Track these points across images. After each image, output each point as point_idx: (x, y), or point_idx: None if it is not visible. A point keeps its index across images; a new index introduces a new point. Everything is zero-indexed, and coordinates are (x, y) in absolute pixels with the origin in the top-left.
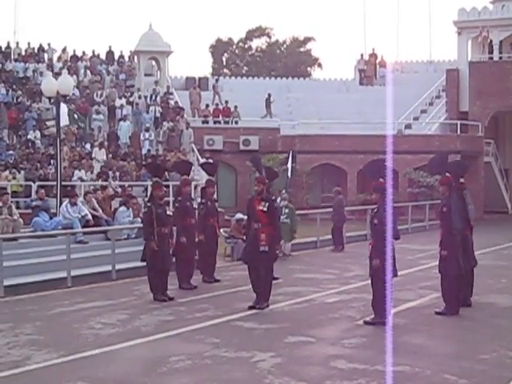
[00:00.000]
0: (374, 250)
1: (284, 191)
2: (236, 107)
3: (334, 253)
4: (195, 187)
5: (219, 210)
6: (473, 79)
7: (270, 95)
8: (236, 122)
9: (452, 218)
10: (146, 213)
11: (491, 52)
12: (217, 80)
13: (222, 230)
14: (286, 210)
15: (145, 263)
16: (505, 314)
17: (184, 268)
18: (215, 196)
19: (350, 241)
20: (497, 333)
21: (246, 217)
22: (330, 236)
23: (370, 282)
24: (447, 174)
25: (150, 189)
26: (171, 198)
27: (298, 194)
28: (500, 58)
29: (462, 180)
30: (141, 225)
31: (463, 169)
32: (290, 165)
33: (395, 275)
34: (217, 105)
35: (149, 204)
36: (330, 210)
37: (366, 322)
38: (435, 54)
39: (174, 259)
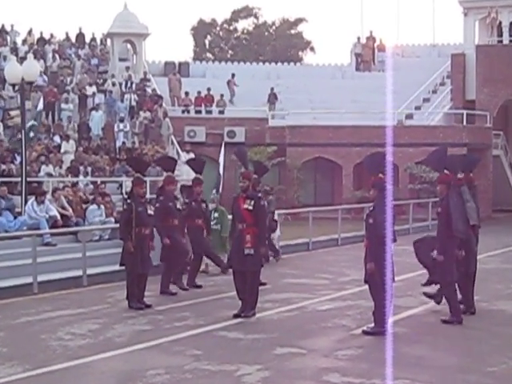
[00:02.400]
0: (369, 253)
1: (214, 192)
2: (222, 96)
3: (321, 256)
4: (222, 183)
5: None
6: (480, 65)
7: (272, 89)
8: (222, 112)
9: (452, 220)
10: (125, 210)
11: (500, 35)
12: (233, 75)
13: None
14: (216, 214)
15: (123, 267)
16: None
17: (170, 272)
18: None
19: (345, 242)
20: (506, 343)
21: (230, 216)
22: (324, 237)
23: (366, 287)
24: (446, 172)
25: (124, 185)
26: (149, 196)
27: (289, 190)
28: (510, 41)
29: (459, 176)
30: (114, 225)
31: (470, 164)
32: (221, 159)
33: (392, 280)
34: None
35: (129, 201)
36: (324, 208)
37: (364, 332)
38: (439, 37)
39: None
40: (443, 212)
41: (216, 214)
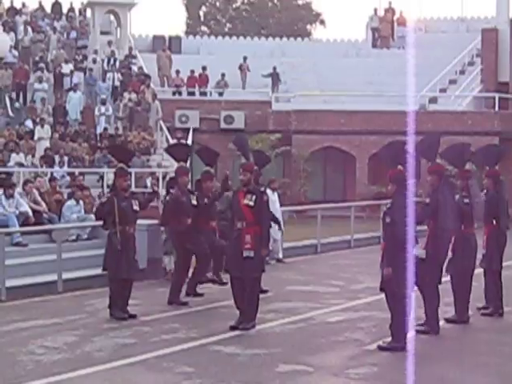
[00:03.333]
0: (386, 257)
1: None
2: (223, 75)
3: (332, 260)
4: (164, 177)
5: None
6: None
7: (275, 68)
8: (220, 94)
9: (439, 215)
10: (104, 203)
11: None
12: (245, 59)
13: None
14: None
15: (105, 272)
16: None
17: (180, 279)
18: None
19: (359, 244)
20: None
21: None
22: (334, 238)
23: (383, 296)
24: (438, 161)
25: (106, 177)
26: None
27: (294, 184)
28: None
29: (467, 167)
30: (94, 223)
31: (495, 155)
32: None
33: (412, 289)
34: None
35: (109, 195)
36: (335, 204)
37: (380, 348)
38: (468, 10)
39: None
40: (434, 206)
41: None
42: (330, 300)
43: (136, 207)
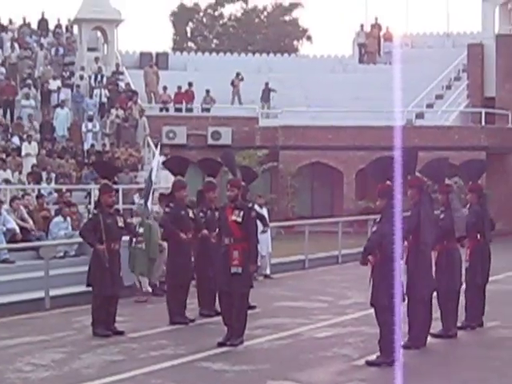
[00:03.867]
0: (376, 272)
1: (142, 202)
2: (208, 92)
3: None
4: (153, 192)
5: None
6: (501, 57)
7: (267, 84)
8: (208, 110)
9: (421, 231)
10: (90, 220)
11: None
12: (238, 75)
13: None
14: (141, 230)
15: (89, 288)
16: None
17: (176, 297)
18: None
19: (346, 260)
20: None
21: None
22: (322, 254)
23: (371, 311)
24: (418, 175)
25: (93, 194)
26: (121, 206)
27: (282, 200)
28: None
29: (448, 182)
30: (81, 240)
31: (478, 170)
32: (155, 162)
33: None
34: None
35: (95, 211)
36: (322, 220)
37: (368, 363)
38: (454, 25)
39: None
40: (413, 220)
41: (141, 230)
42: (317, 316)
43: (121, 223)
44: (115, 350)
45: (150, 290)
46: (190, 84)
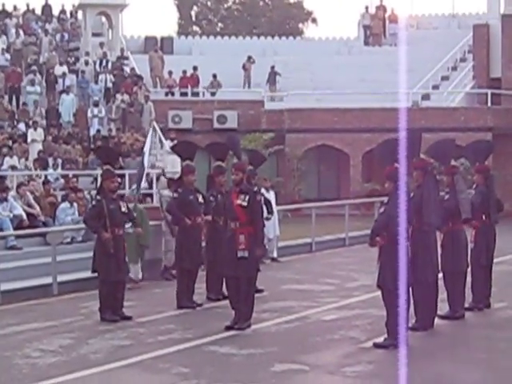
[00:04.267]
0: (383, 253)
1: (133, 188)
2: (215, 76)
3: (326, 259)
4: (158, 177)
5: None
6: (507, 37)
7: (273, 67)
8: (213, 94)
9: (424, 211)
10: (94, 207)
11: None
12: (250, 58)
13: None
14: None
15: (96, 274)
16: None
17: (185, 281)
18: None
19: (353, 242)
20: None
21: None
22: (329, 237)
23: (378, 294)
24: (423, 156)
25: (99, 179)
26: (127, 191)
27: (288, 183)
28: None
29: (454, 163)
30: None
31: (484, 151)
32: (147, 146)
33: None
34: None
35: (98, 197)
36: (329, 203)
37: (375, 345)
38: (459, 6)
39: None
40: (415, 201)
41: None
42: (325, 298)
43: (124, 209)
44: (123, 335)
45: (140, 277)
46: (195, 68)
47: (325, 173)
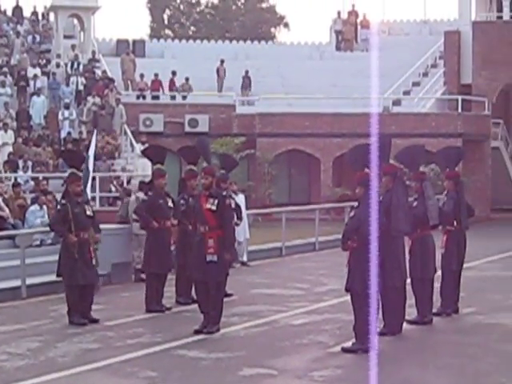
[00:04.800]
0: (353, 257)
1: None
2: (187, 79)
3: (296, 263)
4: (129, 180)
5: None
6: (477, 44)
7: (247, 72)
8: (184, 98)
9: (392, 217)
10: (59, 211)
11: (500, 10)
12: (222, 62)
13: None
14: None
15: (61, 278)
16: None
17: (154, 285)
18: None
19: (323, 247)
20: (504, 361)
21: None
22: (299, 241)
23: (348, 298)
24: (392, 162)
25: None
26: (98, 194)
27: (259, 187)
28: (511, 16)
29: (422, 169)
30: None
31: (455, 157)
32: (92, 149)
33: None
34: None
35: (63, 201)
36: (300, 207)
37: (344, 349)
38: (431, 13)
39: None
40: (385, 206)
41: None
42: (294, 303)
43: (89, 212)
44: (91, 338)
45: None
46: (174, 73)
47: (296, 177)
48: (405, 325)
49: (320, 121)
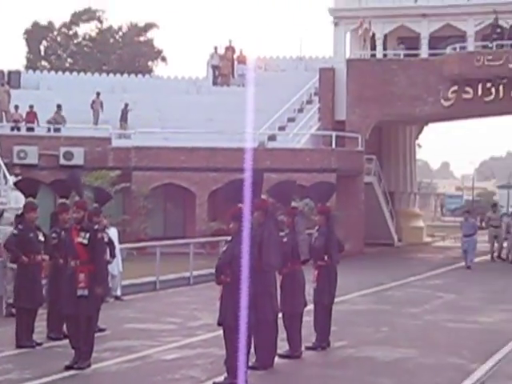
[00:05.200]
0: (225, 291)
1: None
2: (60, 107)
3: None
4: (1, 213)
5: None
6: (351, 81)
7: (127, 105)
8: (57, 130)
9: (263, 252)
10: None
11: (374, 48)
12: (98, 95)
13: None
14: None
15: None
16: (386, 370)
17: (24, 320)
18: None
19: (198, 281)
20: None
21: None
22: (173, 275)
23: (220, 333)
24: (264, 197)
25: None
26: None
27: (134, 221)
28: (384, 55)
29: (294, 204)
30: None
31: (326, 192)
32: None
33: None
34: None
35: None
36: (174, 241)
37: None
38: (307, 50)
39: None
40: (257, 241)
41: None
42: (167, 337)
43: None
44: None
45: None
46: (32, 107)
47: (171, 211)
48: (277, 359)
49: (196, 155)
